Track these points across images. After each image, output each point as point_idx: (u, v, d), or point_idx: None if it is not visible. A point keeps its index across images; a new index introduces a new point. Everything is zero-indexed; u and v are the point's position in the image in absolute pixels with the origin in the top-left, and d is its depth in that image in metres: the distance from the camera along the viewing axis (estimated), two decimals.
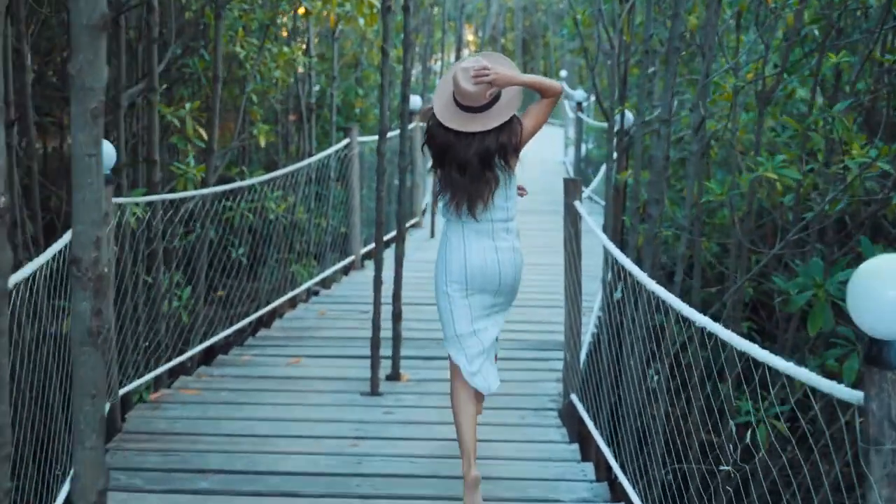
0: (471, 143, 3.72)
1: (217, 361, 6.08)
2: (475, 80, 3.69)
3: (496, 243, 3.85)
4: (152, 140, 5.80)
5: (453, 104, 3.77)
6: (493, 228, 3.85)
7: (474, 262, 3.84)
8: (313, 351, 6.27)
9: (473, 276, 3.85)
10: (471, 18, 24.35)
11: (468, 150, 3.72)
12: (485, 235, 3.85)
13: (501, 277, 3.88)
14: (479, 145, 3.71)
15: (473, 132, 3.71)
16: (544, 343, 6.48)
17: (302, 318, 7.15)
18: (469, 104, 3.73)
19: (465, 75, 3.70)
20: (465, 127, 3.72)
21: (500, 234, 3.86)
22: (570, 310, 4.98)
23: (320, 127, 11.63)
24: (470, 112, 3.74)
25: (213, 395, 5.38)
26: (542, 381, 5.72)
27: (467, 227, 3.85)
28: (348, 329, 6.76)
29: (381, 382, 5.47)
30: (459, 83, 3.70)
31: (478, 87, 3.69)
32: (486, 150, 3.71)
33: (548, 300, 7.61)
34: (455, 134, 3.74)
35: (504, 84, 3.74)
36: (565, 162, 17.55)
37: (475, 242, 3.85)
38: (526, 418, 5.10)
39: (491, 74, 3.69)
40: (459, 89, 3.70)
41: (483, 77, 3.68)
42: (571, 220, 4.89)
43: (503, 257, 3.86)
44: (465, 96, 3.71)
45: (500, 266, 3.86)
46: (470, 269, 3.85)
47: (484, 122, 3.72)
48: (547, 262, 8.81)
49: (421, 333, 6.64)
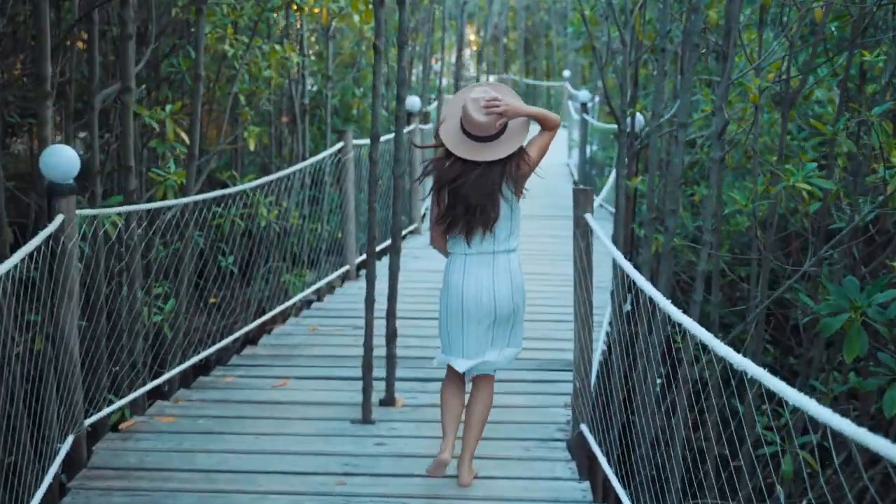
0: (475, 174, 3.81)
1: (197, 383, 5.64)
2: (486, 111, 3.77)
3: (494, 275, 3.94)
4: (127, 144, 5.35)
5: (461, 133, 3.85)
6: (494, 259, 3.95)
7: (469, 293, 3.95)
8: (302, 371, 5.82)
9: (468, 308, 3.97)
10: (472, 17, 23.91)
11: (473, 182, 3.81)
12: (484, 266, 3.95)
13: (497, 309, 3.97)
14: (486, 177, 3.81)
15: (479, 163, 3.80)
16: (551, 362, 6.03)
17: (291, 333, 6.71)
18: (478, 134, 3.81)
19: (475, 106, 3.78)
20: (476, 156, 3.80)
21: (500, 265, 3.95)
22: (581, 332, 4.54)
23: (317, 128, 11.21)
24: (479, 141, 3.82)
25: (190, 424, 4.94)
26: (549, 406, 5.27)
27: (469, 258, 3.97)
28: (340, 347, 6.32)
29: (373, 408, 5.03)
30: (471, 114, 3.78)
31: (489, 118, 3.78)
32: (492, 181, 3.82)
33: (553, 313, 7.16)
34: (462, 164, 3.83)
35: (513, 115, 3.83)
36: (569, 164, 17.11)
37: (474, 270, 3.95)
38: (531, 451, 4.66)
39: (502, 106, 3.78)
40: (470, 120, 3.78)
41: (494, 108, 3.77)
42: (582, 233, 4.45)
43: (499, 288, 3.94)
44: (475, 126, 3.79)
45: (496, 299, 3.95)
46: (465, 301, 3.96)
47: (493, 151, 3.82)
48: (552, 272, 8.37)
49: (418, 351, 6.20)
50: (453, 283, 3.99)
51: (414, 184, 10.62)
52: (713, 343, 3.00)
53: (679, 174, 4.92)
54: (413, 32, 13.46)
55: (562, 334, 6.62)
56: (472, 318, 3.98)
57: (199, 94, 5.81)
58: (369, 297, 4.81)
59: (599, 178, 14.25)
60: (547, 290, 7.75)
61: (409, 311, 7.08)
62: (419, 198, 10.77)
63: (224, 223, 7.64)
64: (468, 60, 26.71)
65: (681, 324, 3.35)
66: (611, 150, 13.76)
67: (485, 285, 3.93)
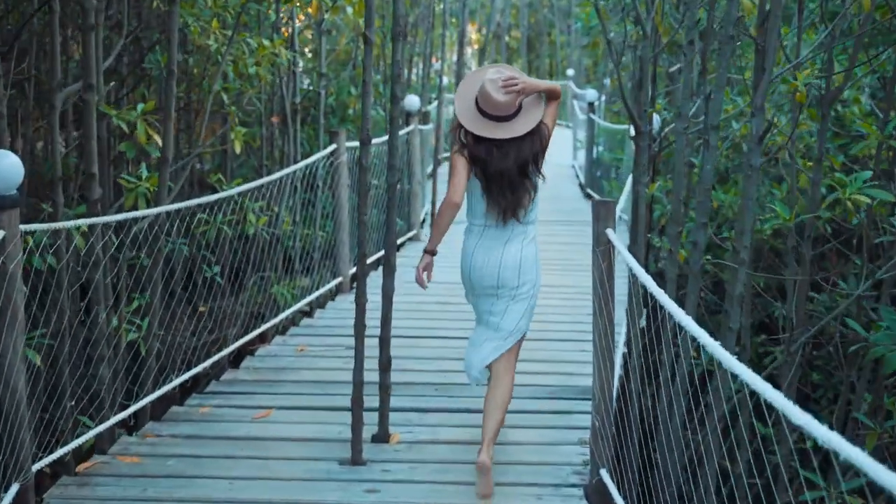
0: (507, 152, 3.90)
1: (169, 414, 5.05)
2: (505, 90, 3.85)
3: (506, 246, 4.02)
4: (90, 149, 4.78)
5: (478, 114, 3.92)
6: (512, 233, 4.02)
7: (477, 263, 4.05)
8: (286, 400, 5.24)
9: (472, 277, 4.09)
10: (474, 14, 23.32)
11: (506, 160, 3.89)
12: (499, 239, 4.02)
13: (500, 278, 4.02)
14: (517, 155, 3.90)
15: (504, 141, 3.88)
16: (563, 389, 5.44)
17: (277, 355, 6.12)
18: (498, 113, 3.88)
19: (494, 86, 3.85)
20: (498, 134, 3.88)
21: (517, 237, 4.03)
22: (601, 366, 3.95)
23: (312, 129, 10.64)
24: (498, 121, 3.90)
25: (157, 466, 4.35)
26: (563, 443, 4.68)
27: (487, 230, 4.04)
28: (330, 371, 5.73)
29: (364, 446, 4.45)
30: (490, 94, 3.84)
31: (508, 97, 3.86)
32: (525, 159, 3.91)
33: (565, 331, 6.58)
34: (488, 145, 3.90)
35: (531, 92, 3.93)
36: (574, 165, 16.52)
37: (487, 242, 4.03)
38: (545, 499, 4.08)
39: (520, 84, 3.86)
40: (490, 100, 3.85)
41: (513, 87, 3.85)
42: (603, 253, 3.86)
43: (507, 257, 4.02)
44: (495, 107, 3.87)
45: (501, 268, 4.01)
46: (472, 271, 4.08)
47: (513, 128, 3.90)
48: (562, 284, 7.79)
49: (416, 376, 5.63)
50: (465, 251, 4.10)
51: (413, 186, 10.04)
52: (761, 386, 2.43)
53: (710, 182, 4.34)
54: (413, 29, 12.89)
55: (574, 356, 6.05)
56: (475, 285, 4.09)
57: (172, 93, 5.23)
58: (359, 323, 4.23)
59: (606, 180, 13.67)
60: (557, 305, 7.17)
61: (406, 329, 6.51)
62: (418, 202, 10.18)
63: (209, 231, 7.10)
64: (469, 59, 26.15)
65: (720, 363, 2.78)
66: (619, 152, 13.16)
67: (494, 253, 4.02)
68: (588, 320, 6.94)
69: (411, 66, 13.67)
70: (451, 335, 6.48)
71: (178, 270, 8.56)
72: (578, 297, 7.59)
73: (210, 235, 7.10)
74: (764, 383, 2.47)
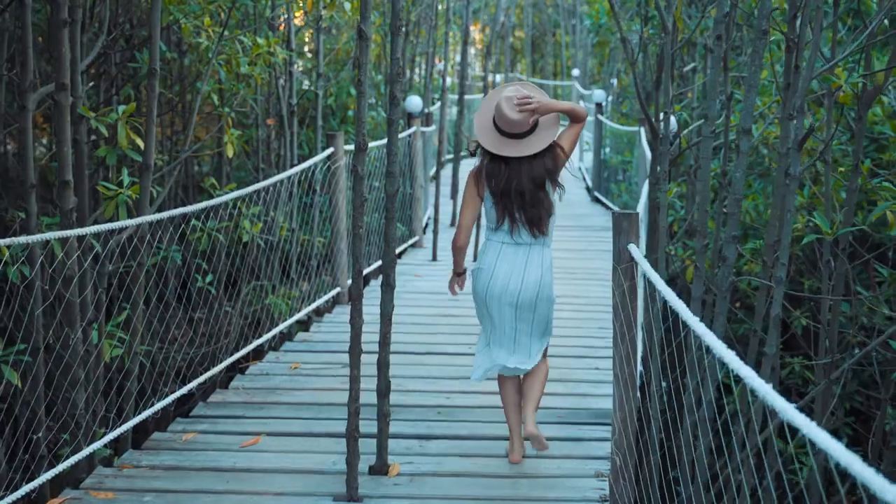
0: (519, 170, 3.97)
1: (151, 442, 4.66)
2: (519, 108, 3.93)
3: (528, 261, 4.07)
4: (63, 154, 4.40)
5: (495, 131, 4.01)
6: (529, 250, 4.08)
7: (499, 275, 4.07)
8: (277, 425, 4.85)
9: (493, 292, 4.08)
10: (477, 14, 22.92)
11: (521, 176, 3.97)
12: (520, 254, 4.08)
13: (520, 296, 4.06)
14: (532, 171, 3.97)
15: (520, 159, 3.96)
16: (575, 413, 5.04)
17: (269, 373, 5.73)
18: (513, 131, 3.96)
19: (509, 104, 3.94)
20: (512, 152, 3.96)
21: (535, 253, 4.09)
22: (622, 398, 3.56)
23: (311, 131, 10.26)
24: (513, 138, 3.98)
25: (132, 503, 3.97)
26: (578, 475, 4.27)
27: (506, 246, 4.10)
28: (326, 392, 5.34)
29: (360, 479, 4.06)
30: (504, 112, 3.93)
31: (522, 116, 3.93)
32: (540, 175, 3.99)
33: (576, 347, 6.20)
34: (505, 163, 3.98)
35: (545, 112, 3.99)
36: (581, 168, 16.13)
37: (508, 258, 4.08)
38: None
39: (534, 103, 3.93)
40: (504, 118, 3.94)
41: (527, 106, 3.92)
42: (625, 271, 3.47)
43: (528, 276, 4.06)
44: (509, 124, 3.95)
45: (522, 286, 4.05)
46: (492, 285, 4.08)
47: (528, 146, 3.97)
48: (572, 295, 7.40)
49: (417, 398, 5.24)
50: (486, 266, 4.11)
51: (415, 191, 9.66)
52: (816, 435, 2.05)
53: (741, 192, 3.95)
54: (415, 28, 12.50)
55: (586, 374, 5.66)
56: (495, 301, 4.08)
57: (154, 93, 4.84)
58: (354, 346, 3.84)
59: (614, 183, 13.27)
60: (566, 318, 6.78)
61: (407, 345, 6.13)
62: (421, 207, 9.79)
63: (202, 238, 6.73)
64: (473, 59, 25.75)
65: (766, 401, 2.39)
66: (627, 155, 12.77)
67: (515, 273, 4.05)
68: (600, 334, 6.60)
69: (413, 66, 13.28)
70: (454, 351, 6.09)
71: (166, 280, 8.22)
72: (589, 308, 7.21)
73: (203, 243, 6.76)
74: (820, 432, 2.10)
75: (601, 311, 7.06)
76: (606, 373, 5.64)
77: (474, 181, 4.06)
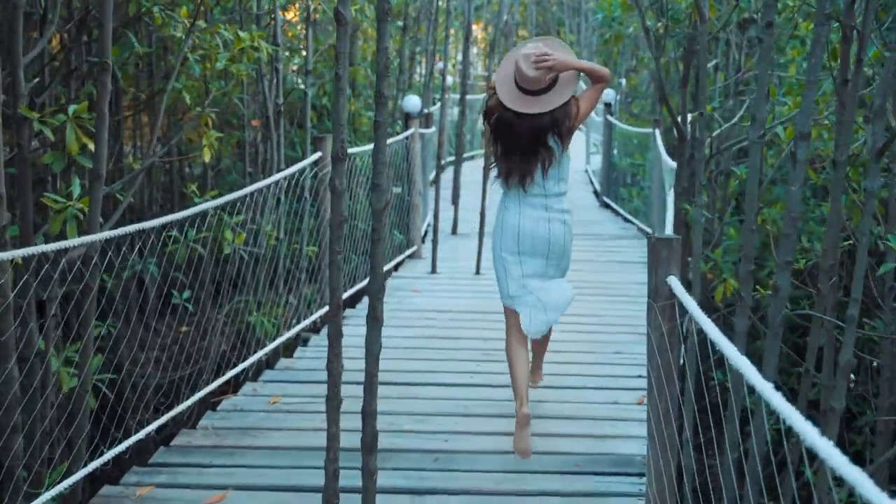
0: (522, 121, 4.07)
1: (98, 499, 3.99)
2: (536, 65, 4.00)
3: (548, 213, 4.23)
4: None
5: (515, 87, 4.08)
6: (546, 202, 4.22)
7: (526, 228, 4.23)
8: (248, 476, 4.18)
9: (524, 241, 4.24)
10: (479, 11, 22.23)
11: (522, 128, 4.08)
12: (539, 207, 4.22)
13: (550, 244, 4.25)
14: (533, 123, 4.07)
15: (529, 114, 4.05)
16: (595, 461, 4.35)
17: (244, 409, 5.05)
18: (530, 87, 4.04)
19: (526, 61, 4.01)
20: (527, 108, 4.05)
21: (553, 206, 4.24)
22: (659, 464, 2.89)
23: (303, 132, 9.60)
24: (530, 94, 4.06)
25: None
26: None
27: (523, 198, 4.23)
28: (306, 433, 4.67)
29: None
30: (521, 68, 4.01)
31: (538, 72, 4.00)
32: (539, 127, 4.08)
33: (590, 378, 5.51)
34: (515, 113, 4.08)
35: (562, 69, 4.05)
36: (588, 170, 15.45)
37: (530, 211, 4.23)
38: None
39: (550, 60, 4.00)
40: (521, 74, 4.01)
41: (543, 63, 3.99)
42: (663, 311, 2.80)
43: (553, 227, 4.24)
44: (526, 80, 4.03)
45: (550, 234, 4.24)
46: (522, 234, 4.23)
47: (543, 104, 4.06)
48: (580, 314, 6.71)
49: (409, 440, 4.57)
50: (509, 223, 4.26)
51: (413, 197, 8.99)
52: None
53: (797, 208, 3.29)
54: (415, 24, 11.83)
55: (605, 411, 4.99)
56: (527, 251, 4.26)
57: (105, 91, 4.18)
58: (332, 400, 3.17)
59: (624, 187, 12.59)
60: (579, 339, 6.12)
61: (401, 373, 5.47)
62: (419, 214, 9.11)
63: (180, 250, 6.10)
64: (475, 58, 25.08)
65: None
66: (638, 157, 12.08)
67: (540, 224, 4.22)
68: (618, 360, 5.90)
69: (413, 65, 12.61)
70: (454, 381, 5.42)
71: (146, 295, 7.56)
72: (604, 330, 6.53)
73: (179, 255, 6.15)
74: None
75: (618, 331, 6.40)
76: (628, 408, 4.97)
77: (486, 122, 4.27)
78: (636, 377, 5.40)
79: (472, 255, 8.23)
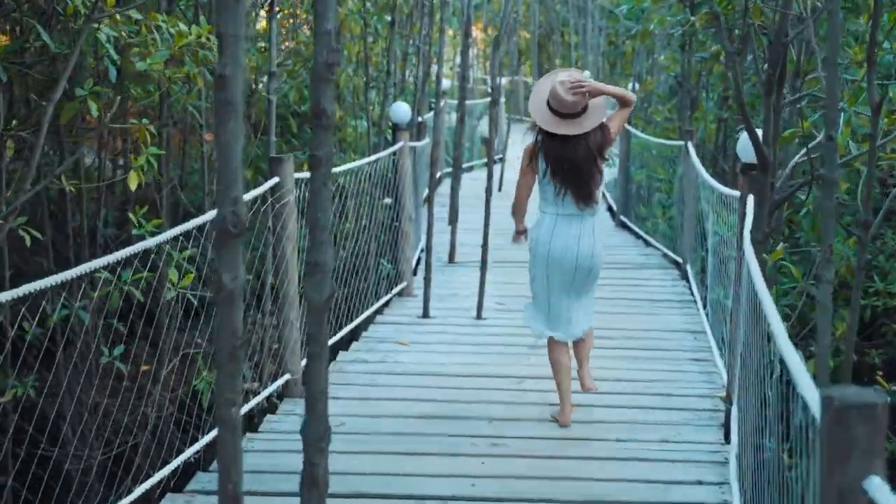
0: (576, 146, 4.40)
1: None
2: (573, 91, 4.37)
3: (581, 230, 4.50)
4: None
5: (549, 113, 4.44)
6: (582, 217, 4.50)
7: (556, 246, 4.49)
8: None
9: (553, 258, 4.51)
10: (479, 8, 20.90)
11: (576, 153, 4.40)
12: (575, 222, 4.49)
13: (578, 262, 4.50)
14: (585, 148, 4.41)
15: (572, 137, 4.39)
16: None
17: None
18: (566, 112, 4.40)
19: (563, 88, 4.38)
20: (567, 131, 4.40)
21: (587, 220, 4.52)
22: None
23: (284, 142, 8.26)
24: (567, 118, 4.40)
25: None
26: None
27: (561, 215, 4.50)
28: None
29: None
30: (560, 94, 4.38)
31: (576, 97, 4.39)
32: (591, 151, 4.43)
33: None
34: (561, 140, 4.42)
35: (596, 94, 4.46)
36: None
37: (563, 227, 4.49)
38: None
39: (586, 86, 4.40)
40: (559, 100, 4.38)
41: (580, 88, 4.38)
42: None
43: (583, 244, 4.49)
44: (565, 105, 4.39)
45: (578, 254, 4.49)
46: (552, 252, 4.50)
47: (580, 125, 4.41)
48: (606, 378, 5.30)
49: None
50: (542, 239, 4.52)
51: (402, 224, 7.58)
52: None
53: None
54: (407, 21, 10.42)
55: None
56: (556, 270, 4.50)
57: None
58: None
59: (644, 205, 11.20)
60: (606, 421, 4.72)
61: (374, 476, 4.04)
62: (409, 244, 7.69)
63: (113, 294, 4.87)
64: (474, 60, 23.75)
65: None
66: (660, 172, 10.67)
67: (571, 243, 4.47)
68: (661, 454, 4.44)
69: (405, 66, 11.20)
70: (449, 493, 4.00)
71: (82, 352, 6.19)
72: (631, 402, 5.10)
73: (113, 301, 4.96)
74: None
75: (654, 404, 5.00)
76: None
77: (529, 157, 4.53)
78: (694, 483, 4.00)
79: (473, 292, 6.83)
